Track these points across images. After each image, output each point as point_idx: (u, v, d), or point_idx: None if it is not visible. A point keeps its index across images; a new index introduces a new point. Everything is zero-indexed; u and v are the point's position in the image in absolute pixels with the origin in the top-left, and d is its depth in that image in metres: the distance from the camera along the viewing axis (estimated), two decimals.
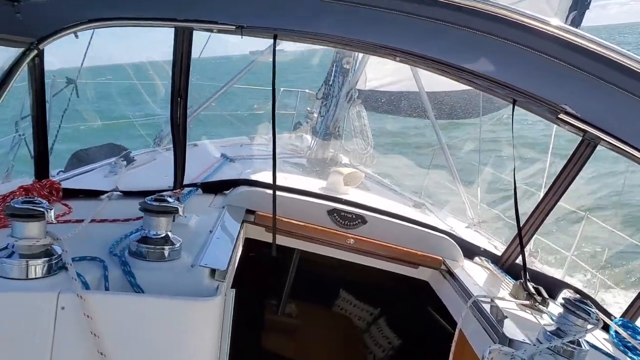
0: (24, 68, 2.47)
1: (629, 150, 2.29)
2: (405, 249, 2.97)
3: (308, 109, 7.52)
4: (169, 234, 2.04)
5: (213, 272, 1.98)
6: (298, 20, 2.33)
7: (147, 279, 1.88)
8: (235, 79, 5.96)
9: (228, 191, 3.16)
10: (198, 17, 2.38)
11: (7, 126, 4.44)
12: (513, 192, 2.64)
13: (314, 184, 3.67)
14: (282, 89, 9.99)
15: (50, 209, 1.71)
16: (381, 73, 7.67)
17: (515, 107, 2.52)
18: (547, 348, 2.04)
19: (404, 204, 4.65)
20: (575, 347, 2.08)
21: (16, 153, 4.72)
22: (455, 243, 3.07)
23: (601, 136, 2.33)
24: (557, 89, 2.27)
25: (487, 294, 2.59)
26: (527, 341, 2.11)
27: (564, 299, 2.18)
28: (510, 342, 2.08)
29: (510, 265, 3.14)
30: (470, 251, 3.28)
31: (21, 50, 2.43)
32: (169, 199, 2.04)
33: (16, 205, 1.68)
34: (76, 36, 2.47)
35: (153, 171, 4.03)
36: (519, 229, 2.70)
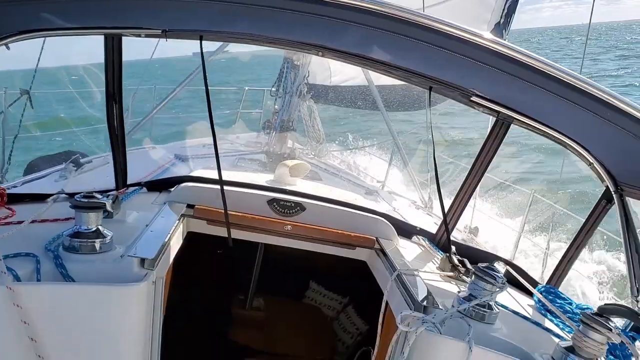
0: None
1: (538, 126, 2.51)
2: (340, 232, 3.13)
3: (276, 107, 7.69)
4: (100, 227, 2.17)
5: (143, 261, 2.12)
6: (222, 22, 2.46)
7: (78, 271, 2.02)
8: (183, 84, 6.08)
9: (172, 188, 3.29)
10: (125, 24, 2.49)
11: None
12: (434, 172, 2.83)
13: (264, 178, 3.82)
14: (246, 88, 10.13)
15: None
16: (339, 67, 7.88)
17: (433, 92, 2.72)
18: (457, 311, 2.22)
19: (355, 192, 4.81)
20: (485, 310, 2.26)
21: None
22: (389, 223, 3.24)
23: (513, 115, 2.53)
24: (466, 78, 2.47)
25: (413, 268, 2.76)
26: (442, 308, 2.28)
27: (474, 266, 2.37)
28: (424, 309, 2.24)
29: (444, 243, 3.32)
30: (407, 231, 3.46)
31: None
32: (98, 195, 2.18)
33: None
34: (7, 48, 2.57)
35: (102, 174, 4.14)
36: (442, 205, 2.88)
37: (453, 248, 2.99)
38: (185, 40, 2.67)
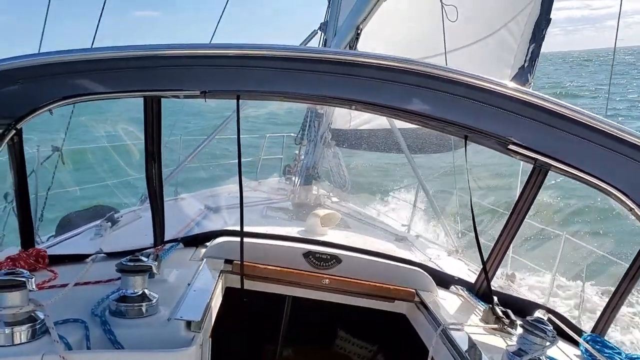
0: (3, 147, 2.64)
1: (576, 173, 2.49)
2: (379, 284, 3.09)
3: (296, 152, 7.79)
4: (146, 291, 2.18)
5: (189, 323, 2.11)
6: (257, 82, 2.53)
7: (126, 336, 2.02)
8: (212, 136, 6.20)
9: (209, 243, 3.30)
10: (165, 87, 2.56)
11: None
12: (472, 222, 2.81)
13: (295, 228, 3.82)
14: (267, 135, 10.26)
15: (31, 278, 1.85)
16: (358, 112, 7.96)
17: (468, 141, 2.73)
18: None
19: (385, 239, 4.79)
20: None
21: (5, 223, 4.88)
22: (427, 274, 3.19)
23: (550, 162, 2.52)
24: (502, 127, 2.48)
25: (457, 322, 2.71)
26: None
27: (522, 319, 2.32)
28: None
29: (484, 292, 3.26)
30: (446, 281, 3.40)
31: None
32: (143, 258, 2.20)
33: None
34: (51, 113, 2.65)
35: (137, 230, 4.16)
36: (481, 255, 2.84)
37: (495, 298, 2.93)
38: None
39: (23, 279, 1.84)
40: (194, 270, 2.80)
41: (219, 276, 2.82)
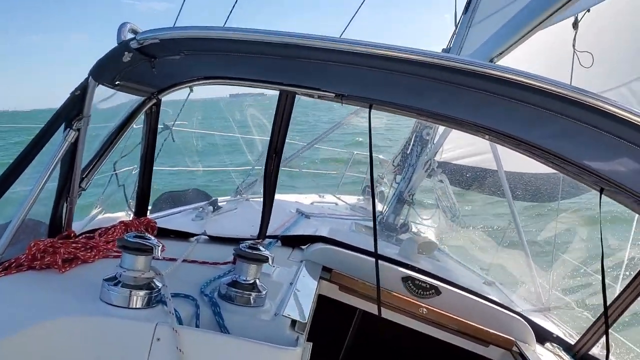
0: (141, 115, 2.72)
1: None
2: (477, 326, 2.93)
3: (379, 174, 7.66)
4: (257, 281, 2.15)
5: (294, 323, 2.06)
6: (394, 95, 2.43)
7: (233, 322, 1.99)
8: (319, 138, 6.21)
9: (305, 246, 3.26)
10: (302, 83, 2.54)
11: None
12: (601, 279, 2.56)
13: (384, 247, 3.71)
14: (354, 152, 10.21)
15: (158, 246, 1.86)
16: (454, 144, 7.68)
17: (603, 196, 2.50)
18: None
19: (473, 280, 4.58)
20: None
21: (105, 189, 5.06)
22: (528, 325, 3.00)
23: None
24: None
25: None
26: None
27: None
28: None
29: (583, 356, 3.03)
30: (542, 336, 3.19)
31: (140, 98, 2.68)
32: (262, 248, 2.17)
33: (129, 239, 1.84)
34: (191, 90, 2.71)
35: (237, 219, 4.21)
36: (606, 315, 2.58)
37: None
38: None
39: (151, 245, 1.84)
40: (295, 271, 2.76)
41: (318, 282, 2.76)
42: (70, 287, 1.95)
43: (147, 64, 2.15)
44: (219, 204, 4.41)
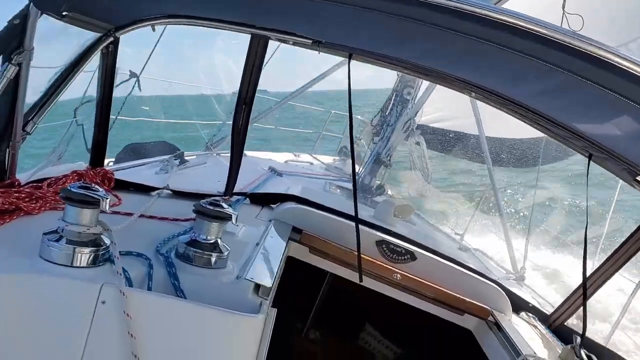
0: (96, 54, 2.46)
1: None
2: (453, 294, 2.82)
3: (356, 135, 7.47)
4: (219, 240, 1.96)
5: (257, 287, 1.89)
6: (375, 43, 2.22)
7: (190, 284, 1.80)
8: (297, 93, 5.97)
9: (275, 205, 3.08)
10: (276, 26, 2.31)
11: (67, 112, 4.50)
12: (583, 249, 2.44)
13: (359, 210, 3.55)
14: (332, 111, 9.97)
15: (106, 198, 1.64)
16: (433, 107, 7.50)
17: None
18: None
19: (448, 245, 4.48)
20: None
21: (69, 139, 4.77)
22: (505, 294, 2.90)
23: None
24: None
25: (536, 354, 2.42)
26: None
27: None
28: None
29: (558, 326, 2.95)
30: (517, 305, 3.10)
31: (97, 35, 2.42)
32: (224, 205, 1.96)
33: (73, 189, 1.62)
34: (153, 29, 2.45)
35: (204, 174, 4.00)
36: (584, 287, 2.47)
37: (578, 339, 2.60)
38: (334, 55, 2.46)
39: (98, 197, 1.63)
40: (262, 231, 2.58)
41: (286, 244, 2.59)
42: (8, 241, 1.74)
43: None
44: (186, 157, 4.18)
